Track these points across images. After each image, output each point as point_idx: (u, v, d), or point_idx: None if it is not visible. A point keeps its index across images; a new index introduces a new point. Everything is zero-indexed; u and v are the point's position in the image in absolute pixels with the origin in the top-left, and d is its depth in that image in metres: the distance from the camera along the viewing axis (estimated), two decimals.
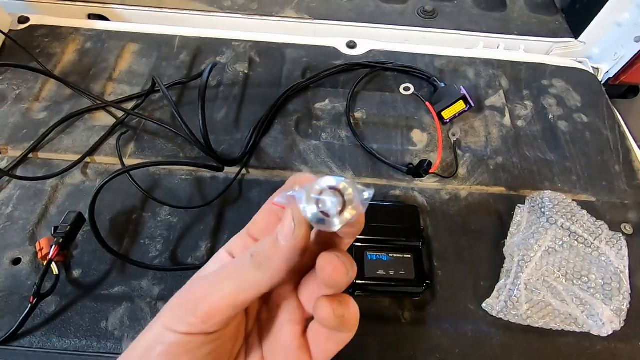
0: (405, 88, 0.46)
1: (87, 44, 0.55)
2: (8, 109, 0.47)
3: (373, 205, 0.39)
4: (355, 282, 0.34)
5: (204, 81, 0.38)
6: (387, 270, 0.35)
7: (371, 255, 0.36)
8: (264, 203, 0.23)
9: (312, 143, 0.46)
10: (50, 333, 0.34)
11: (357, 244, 0.36)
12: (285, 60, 0.54)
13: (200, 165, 0.39)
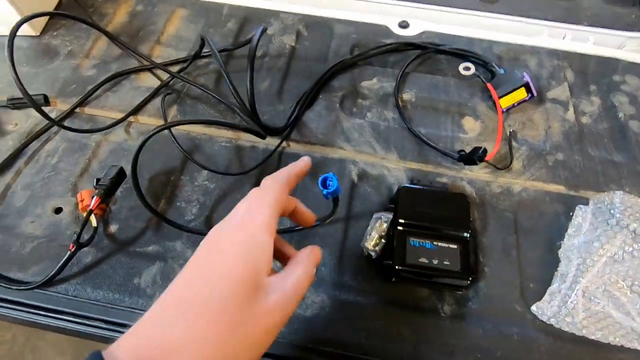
0: (465, 67, 0.43)
1: (138, 6, 0.55)
2: (60, 64, 0.48)
3: (420, 189, 0.37)
4: (395, 267, 0.32)
5: (254, 45, 0.36)
6: (430, 259, 0.33)
7: (414, 242, 0.33)
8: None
9: (357, 121, 0.44)
10: (85, 283, 0.34)
11: (399, 228, 0.34)
12: (333, 35, 0.52)
13: (242, 128, 0.38)
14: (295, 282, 0.22)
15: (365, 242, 0.35)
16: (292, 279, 0.22)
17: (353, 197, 0.39)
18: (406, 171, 0.41)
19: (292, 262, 0.24)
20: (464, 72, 0.43)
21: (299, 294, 0.22)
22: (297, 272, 0.23)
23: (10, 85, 0.46)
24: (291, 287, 0.22)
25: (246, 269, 0.21)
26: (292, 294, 0.22)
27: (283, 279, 0.22)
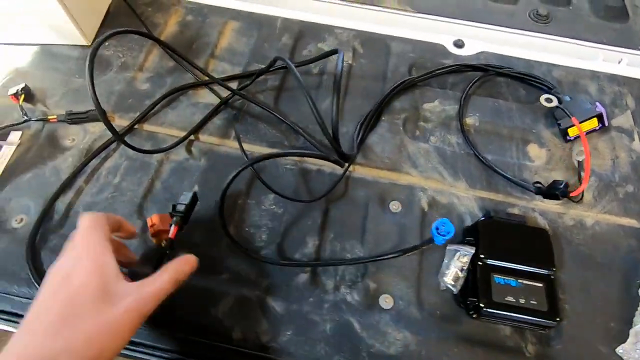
0: (547, 99, 0.42)
1: (188, 17, 0.53)
2: (114, 76, 0.47)
3: (500, 223, 0.36)
4: (480, 306, 0.32)
5: (339, 71, 0.35)
6: (517, 298, 0.32)
7: (499, 279, 0.33)
8: (370, 205, 0.35)
9: (422, 146, 0.43)
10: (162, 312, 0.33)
11: (482, 264, 0.33)
12: (390, 53, 0.51)
13: (325, 158, 0.37)
14: (156, 288, 0.27)
15: (444, 276, 0.35)
16: (152, 284, 0.27)
17: (424, 227, 0.39)
18: (476, 200, 0.40)
19: (162, 269, 0.29)
20: (545, 103, 0.42)
21: (158, 297, 0.27)
22: (161, 278, 0.28)
23: (65, 97, 0.45)
24: (149, 292, 0.26)
25: (92, 284, 0.25)
26: (149, 297, 0.26)
27: (141, 285, 0.27)
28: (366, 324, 0.33)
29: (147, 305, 0.26)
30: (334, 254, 0.37)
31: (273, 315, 0.33)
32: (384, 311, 0.34)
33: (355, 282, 0.36)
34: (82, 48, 0.49)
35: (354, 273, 0.36)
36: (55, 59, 0.48)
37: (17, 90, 0.43)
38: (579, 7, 0.60)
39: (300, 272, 0.36)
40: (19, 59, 0.48)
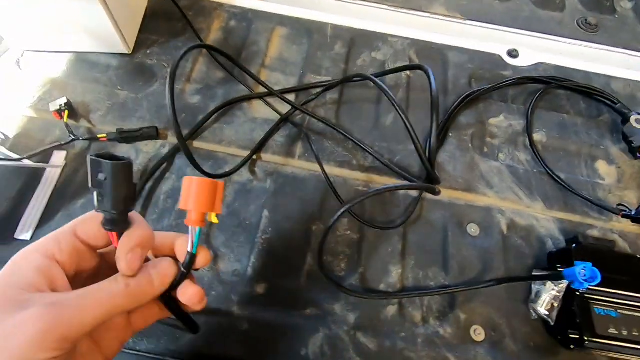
0: (637, 120, 0.41)
1: (232, 22, 0.50)
2: (160, 88, 0.43)
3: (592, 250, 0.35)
4: (584, 340, 0.30)
5: (436, 93, 0.33)
6: (619, 329, 0.31)
7: (599, 309, 0.32)
8: (448, 228, 0.32)
9: (493, 164, 0.42)
10: (248, 352, 0.30)
11: (578, 293, 0.32)
12: (448, 64, 0.49)
13: (421, 188, 0.35)
14: (80, 294, 0.20)
15: (536, 305, 0.33)
16: (77, 292, 0.20)
17: (506, 250, 0.37)
18: (555, 222, 0.39)
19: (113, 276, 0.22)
20: (636, 124, 0.41)
21: (83, 304, 0.20)
22: (95, 287, 0.21)
23: (111, 112, 0.42)
24: (76, 301, 0.20)
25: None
26: (72, 307, 0.19)
27: (68, 293, 0.20)
28: (464, 359, 0.32)
29: (61, 321, 0.19)
30: (418, 283, 0.35)
31: (367, 354, 0.31)
32: (477, 344, 0.33)
33: (444, 314, 0.34)
34: (120, 56, 0.45)
35: (440, 303, 0.35)
36: (93, 69, 0.44)
37: (59, 105, 0.39)
38: (624, 15, 0.59)
39: (388, 304, 0.34)
40: (53, 68, 0.44)
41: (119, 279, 0.21)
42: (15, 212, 0.35)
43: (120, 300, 0.20)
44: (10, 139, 0.39)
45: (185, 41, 0.47)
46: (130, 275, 0.21)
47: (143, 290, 0.21)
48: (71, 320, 0.19)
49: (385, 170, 0.40)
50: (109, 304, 0.20)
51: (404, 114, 0.33)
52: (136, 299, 0.21)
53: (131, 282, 0.21)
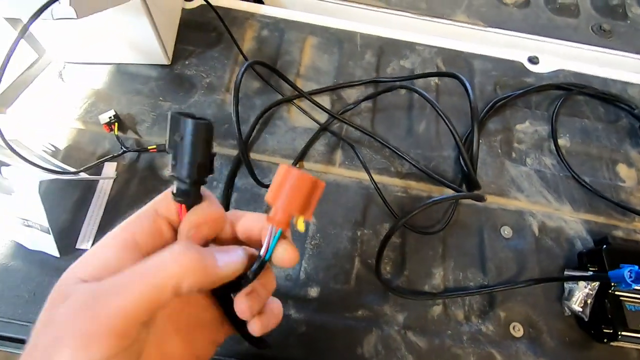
0: None
1: (264, 32, 0.51)
2: (202, 99, 0.45)
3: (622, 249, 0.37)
4: (618, 334, 0.33)
5: (475, 103, 0.35)
6: None
7: (630, 306, 0.34)
8: (484, 231, 0.35)
9: (522, 169, 0.44)
10: (309, 353, 0.32)
11: (610, 291, 0.35)
12: (474, 71, 0.51)
13: (468, 197, 0.37)
14: (122, 274, 0.17)
15: (569, 302, 0.36)
16: (121, 273, 0.17)
17: (539, 251, 0.40)
18: (583, 223, 0.41)
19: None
20: None
21: (123, 283, 0.16)
22: (139, 264, 0.17)
23: (157, 123, 0.43)
24: (109, 281, 0.16)
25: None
26: (101, 288, 0.16)
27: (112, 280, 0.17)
28: (507, 355, 0.34)
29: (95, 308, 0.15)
30: (458, 284, 0.38)
31: (418, 352, 0.34)
32: (517, 340, 0.35)
33: (485, 312, 0.36)
34: (160, 67, 0.46)
35: (481, 302, 0.37)
36: (134, 80, 0.45)
37: (109, 118, 0.40)
38: (636, 21, 0.62)
39: (433, 304, 0.36)
40: (94, 79, 0.45)
41: (167, 250, 0.17)
42: (74, 223, 0.37)
43: (168, 272, 0.16)
44: (61, 151, 0.40)
45: (221, 51, 0.48)
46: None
47: (197, 265, 0.17)
48: (109, 307, 0.15)
49: (422, 176, 0.42)
50: (154, 280, 0.16)
51: (449, 121, 0.35)
52: (190, 273, 0.17)
53: (182, 251, 0.17)
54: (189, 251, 0.17)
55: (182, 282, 0.16)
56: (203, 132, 0.18)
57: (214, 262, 0.18)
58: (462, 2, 0.60)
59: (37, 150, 0.38)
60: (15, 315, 0.32)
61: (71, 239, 0.36)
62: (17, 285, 0.33)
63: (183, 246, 0.17)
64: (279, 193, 0.19)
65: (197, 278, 0.17)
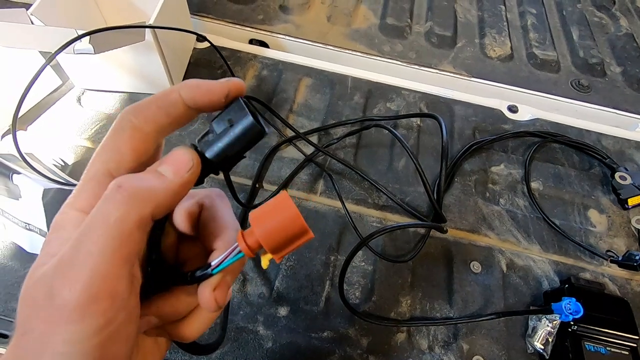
0: (621, 177, 0.46)
1: (264, 72, 0.57)
2: (201, 127, 0.49)
3: (584, 291, 0.39)
4: None
5: (446, 141, 0.38)
6: None
7: (589, 346, 0.35)
8: (453, 265, 0.35)
9: (494, 208, 0.47)
10: None
11: (574, 328, 0.36)
12: (454, 116, 0.55)
13: (430, 227, 0.40)
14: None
15: (532, 339, 0.37)
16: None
17: (505, 288, 0.41)
18: (551, 263, 0.43)
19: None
20: (620, 181, 0.46)
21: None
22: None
23: None
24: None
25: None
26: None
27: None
28: None
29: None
30: (424, 313, 0.39)
31: None
32: None
33: (448, 343, 0.37)
34: None
35: (445, 333, 0.38)
36: None
37: None
38: (613, 79, 0.66)
39: (398, 331, 0.37)
40: (109, 105, 0.50)
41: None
42: None
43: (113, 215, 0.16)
44: (69, 165, 0.45)
45: None
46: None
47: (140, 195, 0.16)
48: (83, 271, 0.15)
49: (397, 209, 0.45)
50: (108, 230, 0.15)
51: (416, 160, 0.38)
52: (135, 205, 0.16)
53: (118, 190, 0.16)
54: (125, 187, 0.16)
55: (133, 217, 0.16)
56: (253, 135, 0.18)
57: (162, 178, 0.17)
58: (449, 54, 0.65)
59: (48, 163, 0.43)
60: (5, 312, 0.35)
61: None
62: (12, 284, 0.36)
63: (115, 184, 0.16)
64: (265, 220, 0.17)
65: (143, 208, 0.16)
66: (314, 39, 0.64)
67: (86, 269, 0.15)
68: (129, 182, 0.17)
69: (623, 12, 0.78)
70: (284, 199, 0.17)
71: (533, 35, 0.70)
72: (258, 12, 0.66)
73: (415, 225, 0.41)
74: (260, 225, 0.17)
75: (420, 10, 0.71)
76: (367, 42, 0.65)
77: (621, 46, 0.70)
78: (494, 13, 0.73)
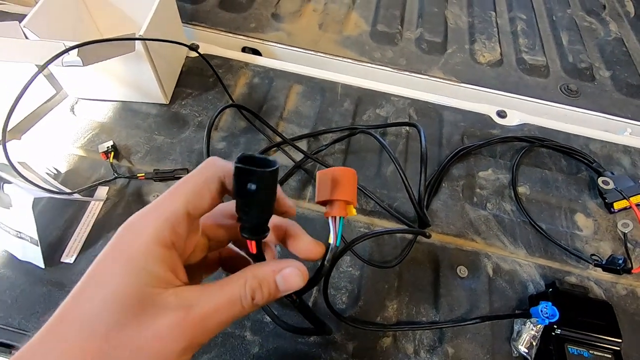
0: (604, 182, 0.47)
1: (255, 79, 0.58)
2: (192, 135, 0.50)
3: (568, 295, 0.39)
4: None
5: (424, 147, 0.39)
6: None
7: (572, 349, 0.35)
8: (440, 270, 0.35)
9: (481, 213, 0.47)
10: None
11: (557, 332, 0.36)
12: (443, 122, 0.56)
13: (414, 233, 0.40)
14: (218, 302, 0.18)
15: (516, 342, 0.37)
16: (212, 298, 0.18)
17: (491, 292, 0.41)
18: (537, 267, 0.43)
19: (238, 273, 0.20)
20: (603, 185, 0.47)
21: (218, 318, 0.18)
22: (229, 290, 0.19)
23: (149, 154, 0.48)
24: (209, 306, 0.18)
25: (122, 283, 0.17)
26: (206, 314, 0.18)
27: (200, 293, 0.18)
28: None
29: (199, 328, 0.17)
30: (411, 318, 0.39)
31: None
32: None
33: (434, 347, 0.38)
34: (159, 106, 0.53)
35: (431, 337, 0.38)
36: (136, 116, 0.51)
37: (107, 147, 0.46)
38: (602, 83, 0.67)
39: (383, 335, 0.38)
40: (101, 114, 0.51)
41: (247, 288, 0.19)
42: (63, 239, 0.41)
43: (243, 311, 0.19)
44: (62, 174, 0.45)
45: (215, 95, 0.54)
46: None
47: (266, 301, 0.20)
48: (204, 326, 0.18)
49: (385, 214, 0.46)
50: (233, 312, 0.19)
51: (399, 165, 0.39)
52: (257, 307, 0.20)
53: (257, 295, 0.19)
54: (259, 294, 0.20)
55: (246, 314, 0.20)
56: (275, 178, 0.19)
57: (275, 295, 0.21)
58: (439, 60, 0.66)
59: (41, 172, 0.43)
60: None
61: (57, 252, 0.40)
62: (3, 291, 0.37)
63: (251, 290, 0.19)
64: (331, 189, 0.22)
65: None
66: (305, 46, 0.65)
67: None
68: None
69: (613, 16, 0.79)
70: (326, 172, 0.22)
71: (523, 40, 0.71)
72: (250, 20, 0.67)
73: (399, 230, 0.42)
74: (333, 193, 0.22)
75: (411, 16, 0.72)
76: (358, 49, 0.66)
77: (610, 50, 0.71)
78: (484, 19, 0.74)
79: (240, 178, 0.18)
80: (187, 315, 0.17)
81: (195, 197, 0.19)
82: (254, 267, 0.20)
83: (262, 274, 0.20)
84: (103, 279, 0.17)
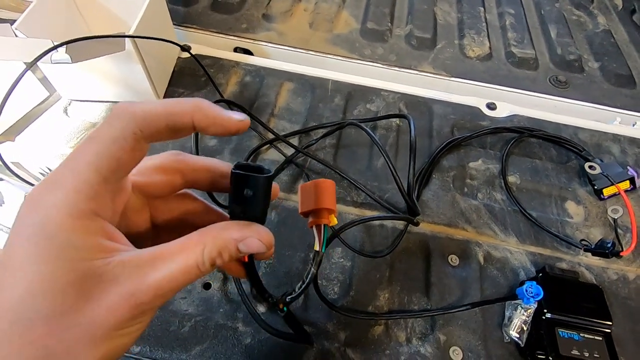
0: (591, 167, 0.47)
1: (247, 78, 0.58)
2: None
3: (559, 279, 0.39)
4: (549, 359, 0.34)
5: (414, 138, 0.40)
6: (581, 351, 0.35)
7: (563, 333, 0.36)
8: (431, 259, 0.36)
9: (472, 202, 0.47)
10: None
11: (547, 316, 0.36)
12: (433, 115, 0.56)
13: (401, 218, 0.41)
14: (173, 270, 0.17)
15: (508, 328, 0.37)
16: (170, 263, 0.17)
17: (483, 280, 0.42)
18: (527, 255, 0.44)
19: (196, 235, 0.18)
20: (589, 170, 0.47)
21: (174, 285, 0.17)
22: (184, 257, 0.17)
23: None
24: (162, 274, 0.17)
25: (49, 264, 0.15)
26: (160, 283, 0.17)
27: (152, 262, 0.17)
28: None
29: (150, 298, 0.16)
30: (402, 306, 0.40)
31: None
32: None
33: (425, 335, 0.38)
34: None
35: (423, 325, 0.39)
36: None
37: None
38: (591, 74, 0.67)
39: (375, 324, 0.38)
40: (94, 114, 0.51)
41: (205, 255, 0.18)
42: None
43: (200, 275, 0.18)
44: None
45: (207, 93, 0.55)
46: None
47: (226, 264, 0.19)
48: (158, 293, 0.17)
49: (375, 205, 0.46)
50: (190, 278, 0.17)
51: (387, 155, 0.40)
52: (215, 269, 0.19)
53: (217, 261, 0.18)
54: (220, 261, 0.18)
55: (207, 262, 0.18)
56: (270, 184, 0.20)
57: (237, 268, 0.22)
58: (429, 55, 0.67)
59: (34, 171, 0.44)
60: None
61: None
62: None
63: (210, 258, 0.18)
64: (314, 200, 0.23)
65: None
66: (296, 45, 0.66)
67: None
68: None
69: (601, 9, 0.80)
70: (308, 185, 0.23)
71: (512, 34, 0.71)
72: (242, 21, 0.68)
73: (386, 217, 0.42)
74: (317, 203, 0.23)
75: (401, 13, 0.73)
76: (348, 46, 0.66)
77: (599, 42, 0.72)
78: (473, 15, 0.75)
79: (238, 184, 0.19)
80: (140, 285, 0.16)
81: (109, 161, 0.17)
82: (214, 232, 0.19)
83: (223, 242, 0.18)
84: (20, 265, 0.15)
